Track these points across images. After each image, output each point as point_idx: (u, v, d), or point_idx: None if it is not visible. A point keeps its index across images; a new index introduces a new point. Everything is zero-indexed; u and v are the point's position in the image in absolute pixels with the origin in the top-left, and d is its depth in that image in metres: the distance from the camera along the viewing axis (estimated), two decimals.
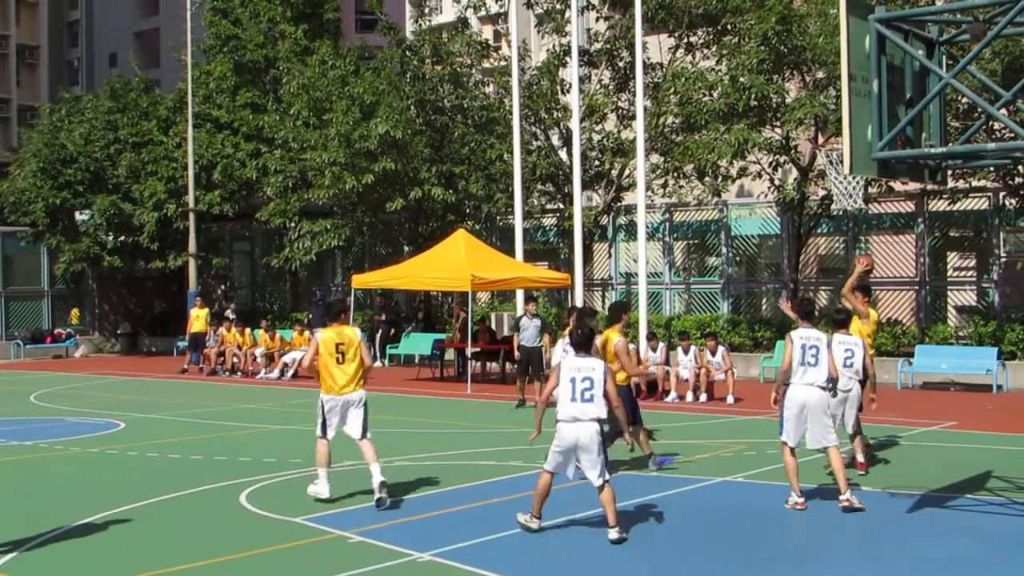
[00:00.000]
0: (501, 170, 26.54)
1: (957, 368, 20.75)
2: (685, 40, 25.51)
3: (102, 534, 9.37)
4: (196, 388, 22.86)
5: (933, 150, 9.57)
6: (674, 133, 24.46)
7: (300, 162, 28.10)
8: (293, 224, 29.34)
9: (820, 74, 22.14)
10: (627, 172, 26.35)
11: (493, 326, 26.04)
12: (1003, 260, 22.54)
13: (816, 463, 11.41)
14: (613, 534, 8.81)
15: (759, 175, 23.65)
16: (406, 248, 28.50)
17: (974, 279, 23.68)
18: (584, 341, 9.25)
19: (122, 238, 32.47)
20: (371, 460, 10.26)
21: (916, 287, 23.32)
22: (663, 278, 26.68)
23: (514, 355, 20.49)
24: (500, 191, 26.76)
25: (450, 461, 12.93)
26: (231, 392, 21.89)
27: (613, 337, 11.64)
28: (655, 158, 25.46)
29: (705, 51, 24.87)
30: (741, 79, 21.58)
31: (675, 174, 24.92)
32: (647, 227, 23.14)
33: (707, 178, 23.66)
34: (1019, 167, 19.67)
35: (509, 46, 25.50)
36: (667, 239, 26.82)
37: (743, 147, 21.29)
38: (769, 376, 21.16)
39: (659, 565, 8.38)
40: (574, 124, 23.46)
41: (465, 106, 27.88)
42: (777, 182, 23.45)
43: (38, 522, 9.60)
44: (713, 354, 19.26)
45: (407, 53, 27.87)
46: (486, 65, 29.05)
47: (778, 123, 22.37)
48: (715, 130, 21.69)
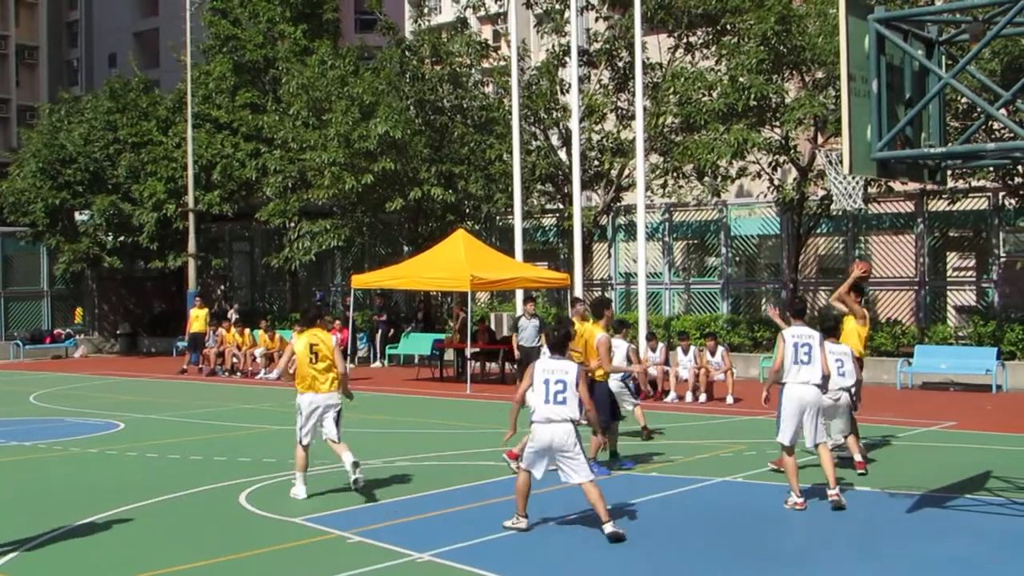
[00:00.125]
0: (500, 170, 26.52)
1: (956, 368, 20.75)
2: (684, 40, 25.52)
3: (102, 534, 9.37)
4: (195, 388, 22.85)
5: (932, 150, 9.57)
6: (673, 133, 24.47)
7: (299, 162, 28.08)
8: (292, 224, 29.33)
9: (819, 74, 22.13)
10: (626, 172, 26.36)
11: (492, 326, 26.04)
12: (1003, 260, 22.55)
13: (816, 463, 11.40)
14: (608, 528, 8.84)
15: (758, 175, 23.65)
16: (406, 248, 28.48)
17: (974, 279, 23.68)
18: (559, 343, 9.27)
19: (121, 238, 32.44)
20: (343, 451, 10.59)
21: (916, 287, 23.32)
22: (663, 278, 26.68)
23: (513, 355, 20.52)
24: (499, 191, 26.75)
25: (450, 461, 12.93)
26: (230, 392, 21.87)
27: (596, 332, 11.68)
28: (654, 158, 25.46)
29: (704, 51, 24.88)
30: (740, 79, 21.58)
31: (674, 174, 24.92)
32: (646, 227, 23.14)
33: (706, 178, 23.65)
34: (1018, 167, 19.67)
35: (508, 46, 25.50)
36: (666, 239, 26.82)
37: (742, 147, 21.28)
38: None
39: (659, 565, 8.37)
40: (573, 124, 23.46)
41: (464, 106, 27.87)
42: (776, 182, 23.45)
43: (38, 522, 9.59)
44: (712, 354, 19.25)
45: (406, 53, 27.85)
46: (485, 65, 29.04)
47: (777, 123, 22.37)
48: (714, 130, 21.69)
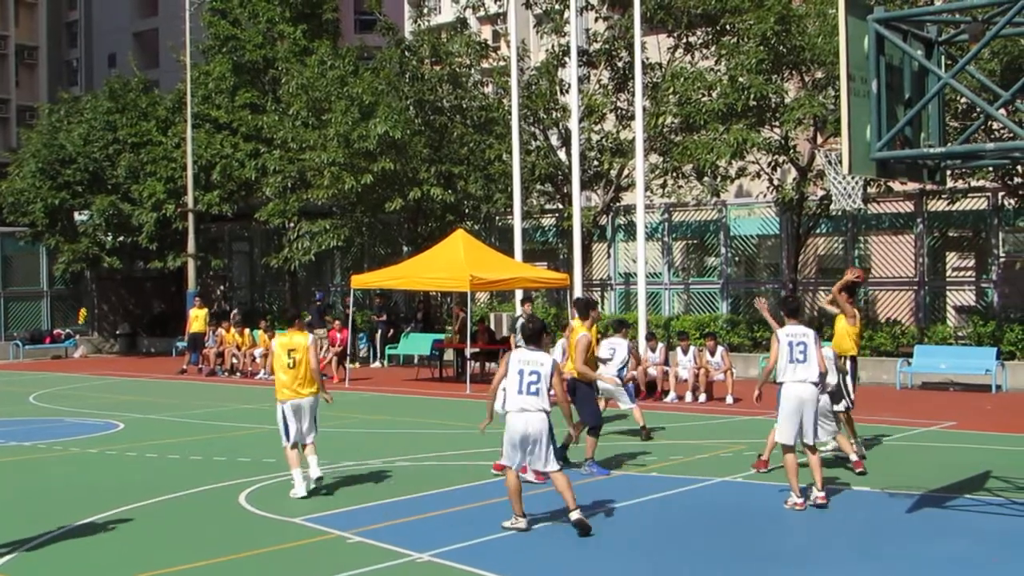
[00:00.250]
0: (500, 170, 26.52)
1: (956, 368, 20.75)
2: (684, 40, 25.50)
3: (102, 534, 9.38)
4: (195, 388, 22.85)
5: (932, 150, 9.57)
6: (673, 133, 24.45)
7: (299, 162, 28.07)
8: (292, 224, 29.32)
9: (819, 74, 22.12)
10: (626, 172, 26.35)
11: (492, 326, 26.04)
12: (1002, 260, 22.54)
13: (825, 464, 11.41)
14: (574, 515, 9.00)
15: (758, 175, 23.65)
16: (405, 248, 28.47)
17: (973, 279, 23.67)
18: (534, 334, 9.46)
19: (121, 238, 32.42)
20: (295, 465, 10.81)
21: (915, 287, 23.32)
22: (662, 278, 26.67)
23: None
24: (499, 191, 26.75)
25: (449, 461, 12.93)
26: (230, 392, 21.87)
27: (580, 331, 11.75)
28: (654, 158, 25.45)
29: (704, 51, 24.85)
30: (740, 79, 21.57)
31: (674, 174, 24.91)
32: (646, 227, 23.13)
33: (706, 178, 23.64)
34: (1018, 167, 19.67)
35: (508, 46, 25.50)
36: (666, 239, 26.82)
37: (742, 147, 21.27)
38: None
39: (659, 565, 8.38)
40: (573, 124, 23.45)
41: (464, 106, 27.86)
42: (776, 182, 23.45)
43: (38, 522, 9.60)
44: (712, 354, 19.26)
45: (406, 53, 27.84)
46: (485, 65, 29.03)
47: (777, 123, 22.36)
48: (714, 130, 21.68)
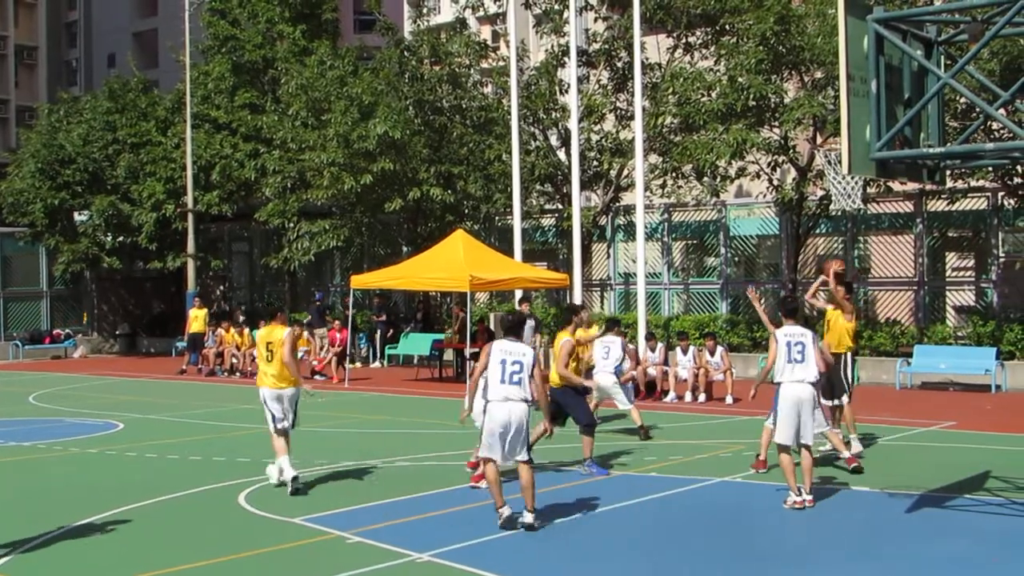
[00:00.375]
0: (500, 170, 26.51)
1: (956, 368, 20.75)
2: (683, 40, 25.49)
3: (102, 534, 9.38)
4: (195, 389, 22.85)
5: (931, 150, 9.57)
6: (672, 133, 24.45)
7: (299, 162, 28.07)
8: (292, 224, 29.30)
9: (818, 74, 22.12)
10: (626, 172, 26.35)
11: (492, 326, 26.01)
12: (1002, 260, 22.54)
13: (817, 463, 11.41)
14: (528, 518, 9.06)
15: (757, 175, 23.64)
16: (405, 248, 28.48)
17: (973, 279, 23.66)
18: (513, 326, 9.65)
19: (121, 239, 32.42)
20: (281, 453, 11.06)
21: (915, 287, 23.32)
22: (662, 278, 26.67)
23: None
24: (499, 191, 26.74)
25: (449, 461, 12.92)
26: (230, 393, 21.86)
27: (562, 337, 11.90)
28: (654, 158, 25.44)
29: (703, 51, 24.85)
30: (739, 79, 21.57)
31: (674, 174, 24.90)
32: (646, 227, 23.12)
33: (706, 178, 23.63)
34: (1017, 167, 19.66)
35: (507, 46, 25.48)
36: (666, 239, 26.82)
37: (741, 147, 21.26)
38: None
39: (659, 565, 8.38)
40: (572, 124, 23.44)
41: (464, 106, 27.86)
42: (776, 182, 23.45)
43: (38, 522, 9.60)
44: (712, 354, 19.26)
45: (405, 53, 27.84)
46: (484, 65, 29.01)
47: (777, 123, 22.36)
48: (713, 130, 21.68)
